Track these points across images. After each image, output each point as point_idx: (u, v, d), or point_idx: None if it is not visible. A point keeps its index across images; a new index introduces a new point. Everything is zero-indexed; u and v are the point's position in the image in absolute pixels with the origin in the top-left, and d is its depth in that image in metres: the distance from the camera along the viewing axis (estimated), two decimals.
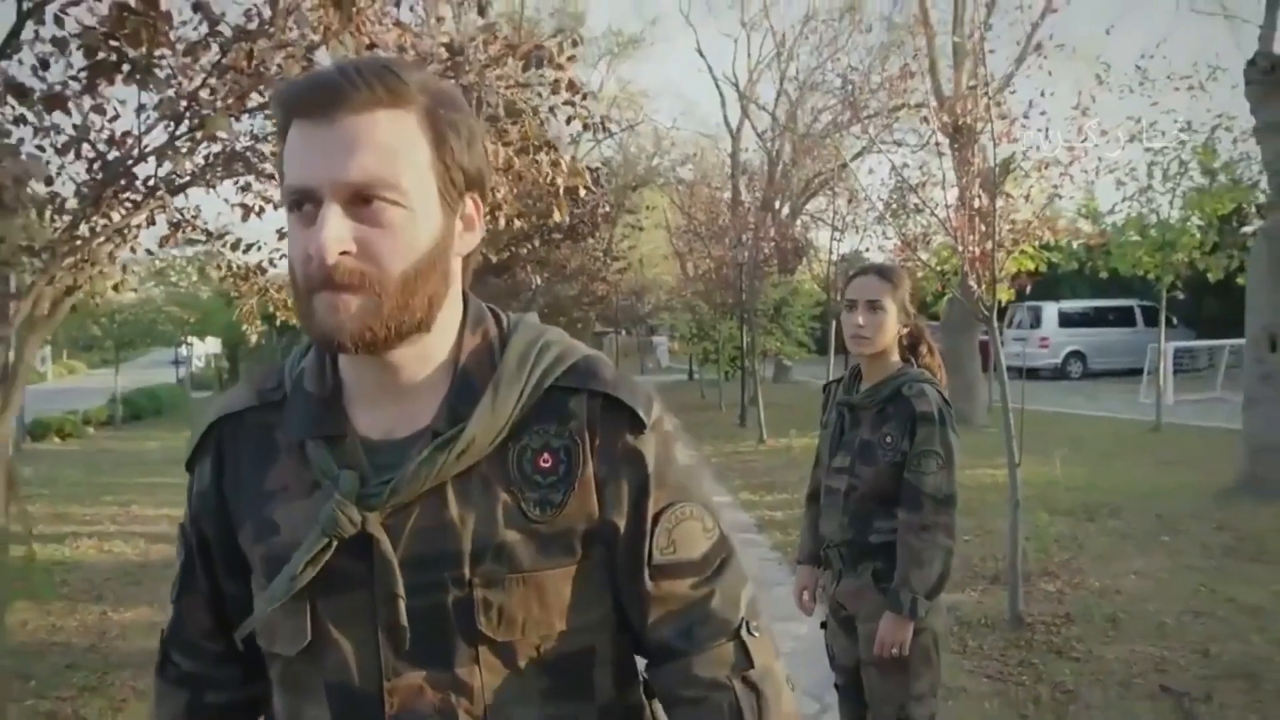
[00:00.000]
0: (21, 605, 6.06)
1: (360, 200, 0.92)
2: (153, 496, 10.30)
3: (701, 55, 44.63)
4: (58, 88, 2.57)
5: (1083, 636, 4.86)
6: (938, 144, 5.61)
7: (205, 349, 36.03)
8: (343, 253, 0.91)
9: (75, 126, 2.80)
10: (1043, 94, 5.92)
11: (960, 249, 4.87)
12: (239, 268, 4.79)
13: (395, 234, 0.94)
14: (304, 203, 0.93)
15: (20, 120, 2.58)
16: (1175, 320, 22.88)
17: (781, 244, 19.11)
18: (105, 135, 3.04)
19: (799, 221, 26.39)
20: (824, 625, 2.87)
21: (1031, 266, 14.00)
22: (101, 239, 2.92)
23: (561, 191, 3.47)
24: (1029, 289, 8.25)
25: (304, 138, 0.94)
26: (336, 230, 0.91)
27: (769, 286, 18.28)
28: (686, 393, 25.25)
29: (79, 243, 2.82)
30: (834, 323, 14.91)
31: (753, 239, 15.83)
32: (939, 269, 11.62)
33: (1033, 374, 23.70)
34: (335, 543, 0.97)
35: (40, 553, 7.39)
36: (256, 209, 4.23)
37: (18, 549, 7.15)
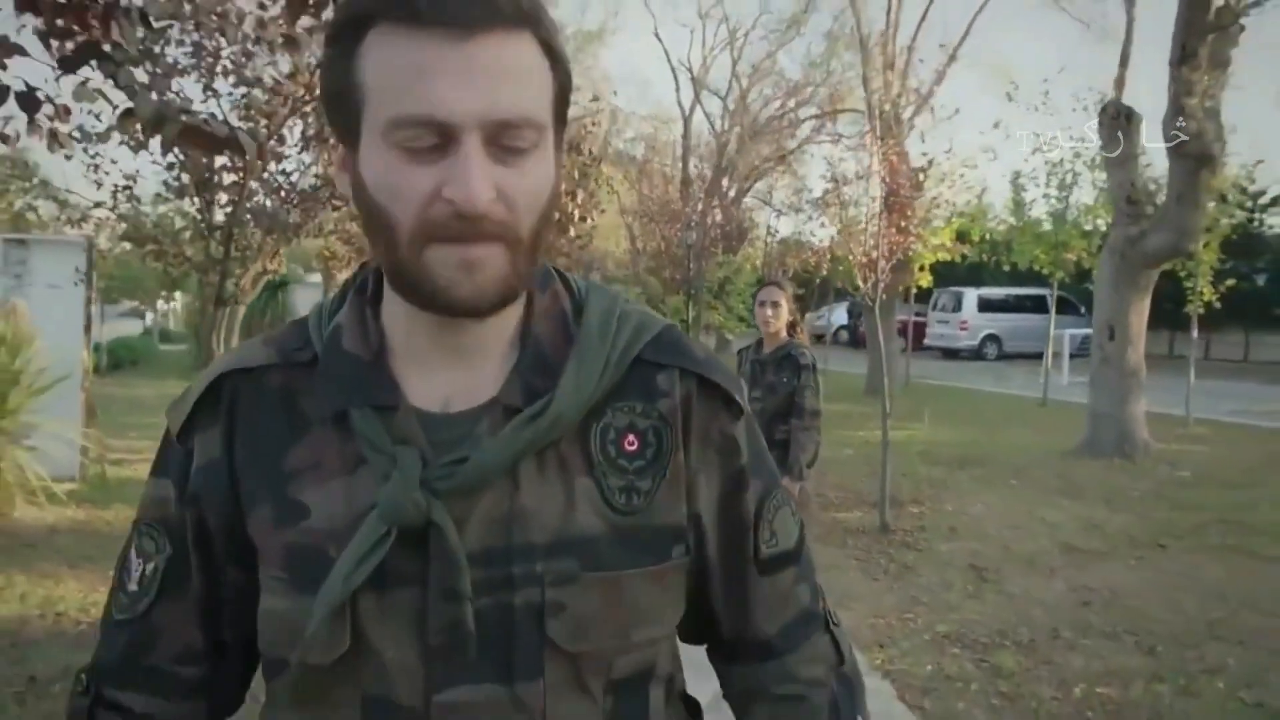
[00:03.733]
0: (119, 506, 7.66)
1: (499, 138, 0.76)
2: None
3: (659, 39, 46.26)
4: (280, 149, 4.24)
5: (928, 539, 6.81)
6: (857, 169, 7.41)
7: (162, 305, 36.98)
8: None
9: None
10: (923, 138, 7.72)
11: (851, 257, 6.76)
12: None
13: (530, 178, 0.79)
14: (424, 137, 0.75)
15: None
16: (1084, 309, 25.24)
17: (726, 227, 20.99)
18: (280, 168, 4.72)
19: (744, 202, 28.21)
20: None
21: (947, 258, 16.09)
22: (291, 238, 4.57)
23: (577, 219, 5.18)
24: (914, 289, 10.11)
25: (431, 55, 0.74)
26: (484, 173, 0.75)
27: (714, 266, 20.16)
28: None
29: (276, 241, 4.47)
30: None
31: (700, 222, 17.70)
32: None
33: (952, 354, 25.98)
34: (394, 533, 0.80)
35: (108, 472, 8.96)
36: None
37: (94, 467, 8.77)
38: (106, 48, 2.00)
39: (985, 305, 26.15)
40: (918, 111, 17.02)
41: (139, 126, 2.22)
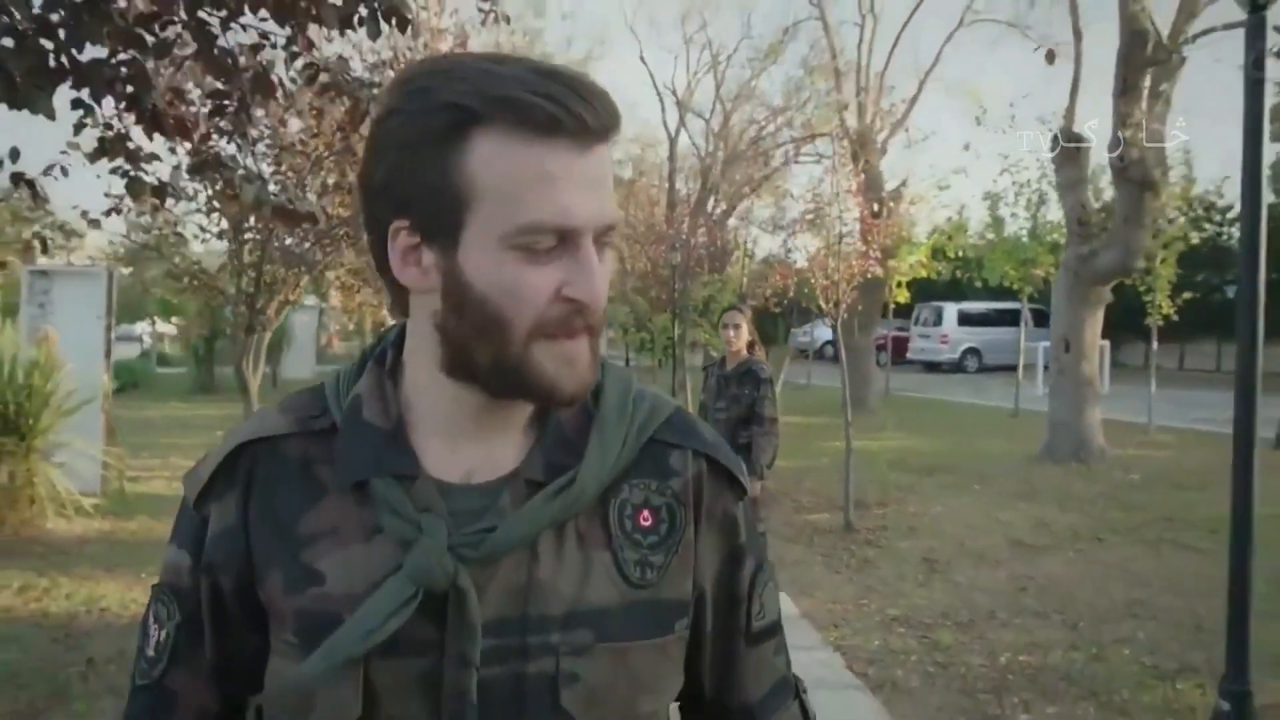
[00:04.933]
0: (142, 518, 8.23)
1: (600, 237, 0.83)
2: (182, 453, 12.36)
3: (644, 63, 47.15)
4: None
5: (889, 537, 7.43)
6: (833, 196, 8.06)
7: (154, 328, 37.37)
8: None
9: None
10: (883, 174, 8.42)
11: (813, 280, 7.42)
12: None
13: (609, 270, 0.85)
14: (546, 240, 0.80)
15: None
16: None
17: (711, 248, 21.64)
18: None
19: (731, 220, 28.84)
20: None
21: (924, 274, 16.74)
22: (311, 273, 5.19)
23: None
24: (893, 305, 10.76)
25: (560, 165, 0.79)
26: (600, 272, 0.82)
27: (699, 285, 20.76)
28: None
29: (297, 275, 5.09)
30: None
31: (685, 243, 18.35)
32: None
33: (934, 367, 26.65)
34: (420, 594, 0.82)
35: (126, 488, 9.52)
36: None
37: (115, 482, 9.33)
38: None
39: (965, 319, 26.72)
40: (890, 135, 17.73)
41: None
